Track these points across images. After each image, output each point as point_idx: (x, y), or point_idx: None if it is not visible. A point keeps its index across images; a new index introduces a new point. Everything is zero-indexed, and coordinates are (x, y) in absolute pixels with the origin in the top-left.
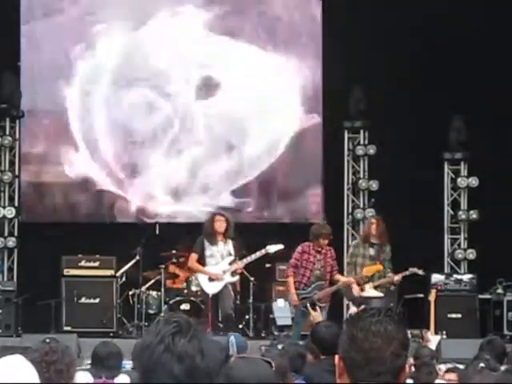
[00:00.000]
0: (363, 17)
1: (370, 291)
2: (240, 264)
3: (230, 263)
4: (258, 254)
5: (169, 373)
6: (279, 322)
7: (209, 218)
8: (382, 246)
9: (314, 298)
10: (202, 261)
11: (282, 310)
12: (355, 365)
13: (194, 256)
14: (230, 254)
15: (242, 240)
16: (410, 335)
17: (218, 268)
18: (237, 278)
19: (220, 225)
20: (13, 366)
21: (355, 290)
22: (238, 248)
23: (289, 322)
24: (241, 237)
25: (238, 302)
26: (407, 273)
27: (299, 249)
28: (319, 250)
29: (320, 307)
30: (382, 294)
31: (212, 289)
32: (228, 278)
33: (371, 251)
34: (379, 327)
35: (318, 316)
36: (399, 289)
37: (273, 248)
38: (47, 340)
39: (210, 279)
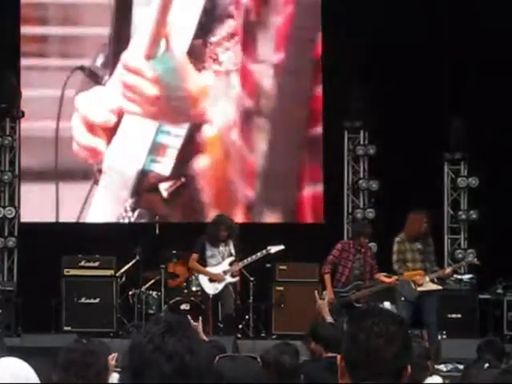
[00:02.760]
0: (363, 16)
1: (428, 285)
2: (240, 265)
3: (231, 264)
4: (259, 254)
5: (159, 372)
6: None
7: (216, 225)
8: (426, 239)
9: (351, 297)
10: (202, 261)
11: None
12: (356, 365)
13: (194, 256)
14: (231, 255)
15: (241, 241)
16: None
17: (218, 269)
18: (237, 278)
19: (224, 234)
20: (13, 368)
21: (418, 278)
22: (239, 248)
23: None
24: (241, 239)
25: (238, 302)
26: (463, 264)
27: (339, 246)
28: (359, 248)
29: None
30: (440, 287)
31: (212, 290)
32: (229, 279)
33: (418, 245)
34: (381, 327)
35: (323, 306)
36: None
37: (274, 249)
38: (84, 340)
39: (211, 280)
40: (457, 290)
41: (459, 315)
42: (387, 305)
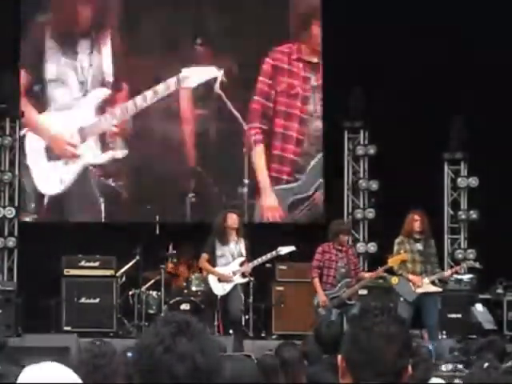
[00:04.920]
0: (363, 16)
1: (427, 286)
2: (250, 265)
3: (241, 264)
4: (269, 255)
5: (170, 373)
6: (486, 327)
7: (220, 215)
8: (427, 240)
9: (343, 296)
10: (212, 261)
11: (484, 315)
12: (357, 365)
13: (204, 256)
14: (242, 255)
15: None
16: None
17: (227, 269)
18: (247, 279)
19: (233, 221)
20: (56, 373)
21: (416, 281)
22: (249, 248)
23: (493, 325)
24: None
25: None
26: (464, 266)
27: (319, 249)
28: (340, 248)
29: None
30: (440, 289)
31: (221, 290)
32: (238, 280)
33: (418, 246)
34: (382, 328)
35: None
36: None
37: (284, 250)
38: (97, 342)
39: (220, 280)
40: (457, 290)
41: (459, 315)
42: (479, 307)
